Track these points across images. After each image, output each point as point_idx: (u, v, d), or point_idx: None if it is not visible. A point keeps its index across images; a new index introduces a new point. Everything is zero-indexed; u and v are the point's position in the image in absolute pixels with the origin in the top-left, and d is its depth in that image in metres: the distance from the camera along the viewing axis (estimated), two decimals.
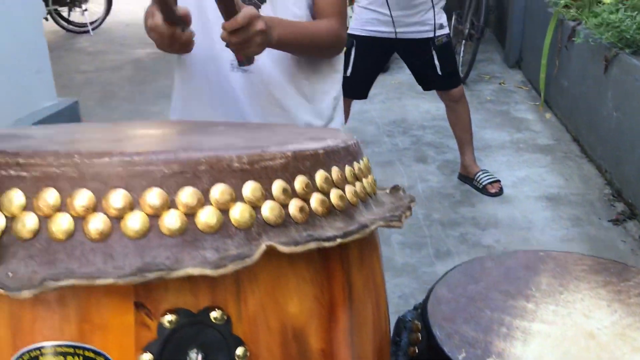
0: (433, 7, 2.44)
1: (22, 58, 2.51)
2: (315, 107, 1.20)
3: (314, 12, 1.13)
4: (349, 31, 2.33)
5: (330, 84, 1.22)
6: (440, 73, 2.59)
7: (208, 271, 0.50)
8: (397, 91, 4.09)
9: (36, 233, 0.51)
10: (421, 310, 0.92)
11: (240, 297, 0.55)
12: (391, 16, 2.41)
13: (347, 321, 0.64)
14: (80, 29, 6.45)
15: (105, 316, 0.51)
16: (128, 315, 0.52)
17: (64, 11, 6.64)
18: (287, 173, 0.58)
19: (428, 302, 0.90)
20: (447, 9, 4.93)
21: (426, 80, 2.70)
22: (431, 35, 2.47)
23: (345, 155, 0.67)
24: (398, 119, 3.66)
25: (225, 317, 0.54)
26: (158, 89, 4.39)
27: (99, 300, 0.51)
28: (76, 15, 6.66)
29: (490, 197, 2.61)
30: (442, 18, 2.51)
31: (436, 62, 2.56)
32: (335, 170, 0.63)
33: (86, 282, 0.48)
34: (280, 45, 1.03)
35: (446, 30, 2.54)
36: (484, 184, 2.65)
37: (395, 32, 2.45)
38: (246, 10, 0.90)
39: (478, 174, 2.69)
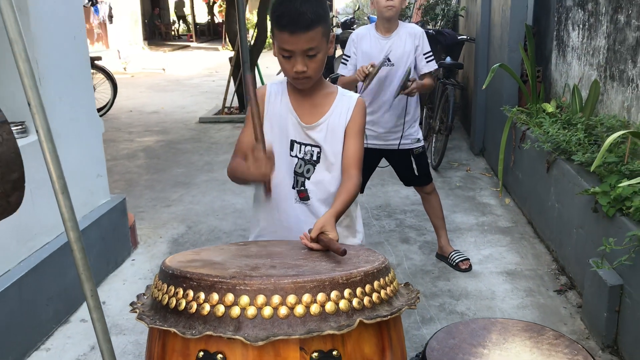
0: (402, 127, 3.15)
1: (87, 166, 3.13)
2: (347, 225, 1.86)
3: (342, 162, 1.79)
4: None
5: (354, 210, 1.89)
6: (417, 174, 3.29)
7: (337, 332, 1.11)
8: (379, 179, 4.77)
9: (255, 316, 1.12)
10: (422, 355, 1.53)
11: (344, 344, 1.17)
12: (381, 133, 3.12)
13: (389, 357, 1.25)
14: None
15: (290, 353, 1.12)
16: (296, 352, 1.13)
17: None
18: (362, 283, 1.21)
19: (426, 350, 1.52)
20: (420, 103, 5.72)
21: (406, 178, 3.39)
22: (411, 147, 3.19)
23: (384, 270, 1.31)
24: (383, 204, 4.34)
25: (338, 354, 1.15)
26: (173, 177, 5.02)
27: (285, 344, 1.12)
28: None
29: (461, 272, 3.25)
30: (419, 134, 3.23)
31: (414, 166, 3.26)
32: (381, 280, 1.27)
33: (287, 337, 1.09)
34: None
35: (422, 143, 3.24)
36: (456, 262, 3.29)
37: (381, 144, 3.16)
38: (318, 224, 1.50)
39: (452, 254, 3.34)
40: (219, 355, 1.13)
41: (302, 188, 1.80)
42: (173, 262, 1.33)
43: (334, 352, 1.15)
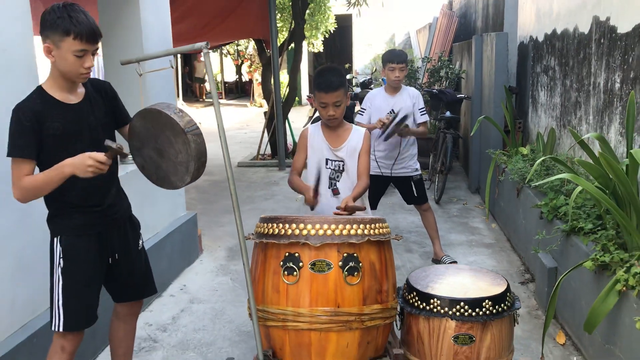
0: (402, 160, 4.26)
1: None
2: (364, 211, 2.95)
3: (357, 172, 2.89)
4: None
5: (365, 202, 2.98)
6: (416, 195, 4.38)
7: (356, 242, 2.19)
8: (391, 209, 5.85)
9: (315, 234, 2.20)
10: (406, 281, 2.58)
11: (361, 250, 2.23)
12: (387, 164, 4.23)
13: (385, 264, 2.32)
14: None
15: (333, 253, 2.20)
16: (335, 252, 2.20)
17: None
18: (369, 223, 2.29)
19: (408, 279, 2.56)
20: (426, 150, 6.82)
21: (408, 198, 4.47)
22: (411, 175, 4.29)
23: (382, 220, 2.39)
24: (393, 227, 5.39)
25: (357, 256, 2.22)
26: (222, 207, 6.15)
27: (330, 247, 2.19)
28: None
29: None
30: (417, 165, 4.33)
31: (414, 189, 4.35)
32: (380, 224, 2.35)
33: (331, 242, 2.16)
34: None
35: (419, 172, 4.34)
36: (447, 263, 4.32)
37: (389, 173, 4.27)
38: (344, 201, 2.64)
39: (443, 257, 4.37)
40: (296, 254, 2.21)
41: (335, 187, 2.91)
42: (266, 216, 2.43)
43: (354, 254, 2.23)
